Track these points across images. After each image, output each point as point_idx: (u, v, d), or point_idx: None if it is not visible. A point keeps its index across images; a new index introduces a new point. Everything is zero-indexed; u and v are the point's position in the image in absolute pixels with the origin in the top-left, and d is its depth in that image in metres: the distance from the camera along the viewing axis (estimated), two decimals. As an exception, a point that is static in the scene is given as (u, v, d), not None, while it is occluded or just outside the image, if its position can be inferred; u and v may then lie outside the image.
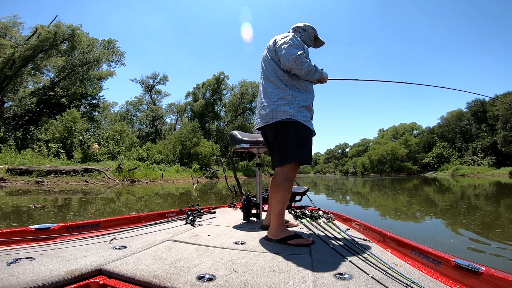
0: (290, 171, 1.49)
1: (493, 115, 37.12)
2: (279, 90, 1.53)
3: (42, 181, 11.39)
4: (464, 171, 36.50)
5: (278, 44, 1.56)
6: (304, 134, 1.50)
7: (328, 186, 16.16)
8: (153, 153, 22.79)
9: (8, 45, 17.73)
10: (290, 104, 1.49)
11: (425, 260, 1.12)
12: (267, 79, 1.60)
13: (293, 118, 1.47)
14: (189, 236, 1.55)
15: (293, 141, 1.48)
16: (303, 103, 1.52)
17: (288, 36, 1.56)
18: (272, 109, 1.51)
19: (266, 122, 1.55)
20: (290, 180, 1.50)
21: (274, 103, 1.51)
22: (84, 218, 4.42)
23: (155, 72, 37.13)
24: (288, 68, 1.51)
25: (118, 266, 1.01)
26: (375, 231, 1.60)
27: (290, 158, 1.47)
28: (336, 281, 0.95)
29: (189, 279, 0.92)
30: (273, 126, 1.53)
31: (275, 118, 1.50)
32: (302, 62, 1.47)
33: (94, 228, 1.62)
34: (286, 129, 1.49)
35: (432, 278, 0.99)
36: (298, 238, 1.44)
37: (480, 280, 0.89)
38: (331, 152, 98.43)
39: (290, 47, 1.50)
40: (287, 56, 1.47)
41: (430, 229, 3.83)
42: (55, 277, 0.87)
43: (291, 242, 1.40)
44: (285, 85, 1.53)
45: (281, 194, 1.47)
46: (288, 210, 2.53)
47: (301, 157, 1.48)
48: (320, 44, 1.86)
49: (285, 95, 1.51)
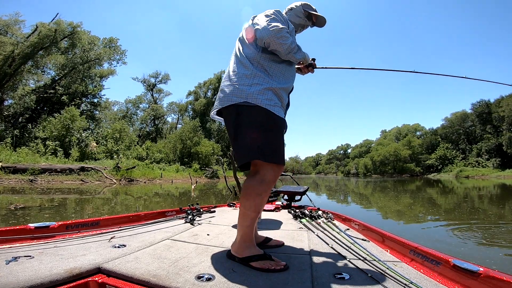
0: (269, 169, 1.16)
1: (499, 116, 36.80)
2: (241, 68, 1.25)
3: (36, 180, 11.29)
4: (468, 173, 36.13)
5: (256, 18, 1.31)
6: (268, 122, 1.18)
7: (330, 187, 16.11)
8: (152, 152, 22.80)
9: (8, 43, 17.72)
10: (250, 84, 1.20)
11: (424, 261, 1.12)
12: (234, 58, 1.33)
13: (251, 101, 1.16)
14: (188, 235, 1.55)
15: (254, 131, 1.17)
16: (267, 85, 1.21)
17: (270, 11, 1.32)
18: (230, 90, 1.22)
19: (221, 105, 1.25)
20: (267, 183, 1.15)
21: (233, 83, 1.23)
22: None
23: (157, 71, 37.31)
24: (266, 42, 1.22)
25: (117, 264, 1.01)
26: (374, 231, 1.60)
27: (255, 153, 1.16)
28: (335, 281, 0.95)
29: (188, 278, 0.92)
30: (229, 111, 1.24)
31: (230, 100, 1.20)
32: (283, 37, 1.22)
33: (94, 227, 1.62)
34: (244, 115, 1.19)
35: (431, 279, 0.99)
36: (266, 260, 1.10)
37: (478, 281, 0.89)
38: (333, 153, 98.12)
39: (272, 20, 1.25)
40: (267, 27, 1.21)
41: (432, 231, 3.81)
42: (54, 275, 0.87)
43: (255, 265, 1.08)
44: (251, 63, 1.24)
45: (252, 200, 1.15)
46: (288, 210, 2.53)
47: (265, 154, 1.15)
48: (320, 21, 1.53)
49: (246, 73, 1.22)
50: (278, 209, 2.67)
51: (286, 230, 1.80)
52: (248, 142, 1.17)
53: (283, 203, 2.86)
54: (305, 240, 1.53)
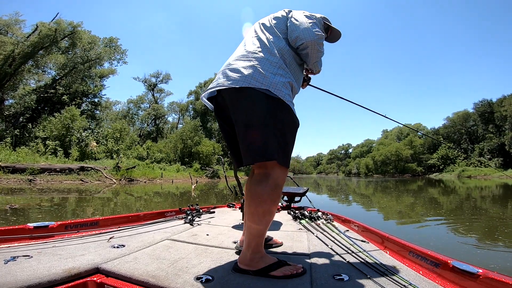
0: (281, 173, 1.03)
1: (501, 116, 36.67)
2: (266, 53, 1.09)
3: (35, 180, 11.26)
4: (470, 173, 35.96)
5: (294, 15, 1.20)
6: (289, 121, 1.06)
7: (331, 187, 16.08)
8: (153, 152, 22.81)
9: (8, 42, 17.74)
10: (275, 73, 1.05)
11: (423, 262, 1.12)
12: (256, 41, 1.16)
13: (274, 92, 1.01)
14: (187, 236, 1.55)
15: (276, 129, 1.02)
16: (290, 80, 1.09)
17: (308, 13, 1.24)
18: (250, 72, 1.03)
19: (235, 85, 1.03)
20: (280, 188, 1.05)
21: (253, 64, 1.05)
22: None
23: (158, 71, 37.50)
24: (305, 43, 1.12)
25: (116, 265, 1.01)
26: (373, 232, 1.59)
27: (272, 153, 1.00)
28: (334, 282, 0.95)
29: (187, 279, 0.92)
30: (242, 95, 1.03)
31: (248, 83, 1.01)
32: (322, 44, 1.18)
33: (93, 227, 1.62)
34: (263, 106, 1.01)
35: (430, 280, 0.99)
36: (285, 267, 1.04)
37: (477, 283, 0.88)
38: (334, 153, 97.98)
39: (315, 24, 1.18)
40: (312, 30, 1.12)
41: (433, 232, 3.79)
42: (52, 275, 0.87)
43: (275, 274, 1.00)
44: (278, 53, 1.11)
45: (267, 207, 1.02)
46: (288, 211, 2.52)
47: (282, 156, 1.02)
48: (334, 36, 1.43)
49: (272, 60, 1.07)
50: (278, 210, 2.67)
51: (286, 231, 1.80)
52: (266, 139, 1.00)
53: (282, 204, 2.86)
54: (304, 241, 1.53)
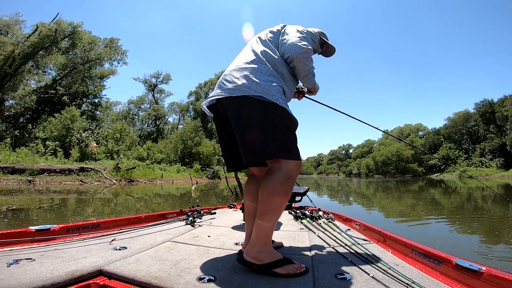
0: (294, 166, 1.08)
1: (502, 116, 36.57)
2: (259, 64, 1.17)
3: (34, 180, 11.24)
4: (471, 173, 35.82)
5: (287, 30, 1.28)
6: (288, 121, 1.12)
7: (331, 187, 16.07)
8: (153, 153, 22.80)
9: (8, 43, 17.76)
10: (266, 80, 1.12)
11: (426, 260, 1.12)
12: (251, 52, 1.23)
13: (267, 97, 1.08)
14: (189, 237, 1.55)
15: (272, 129, 1.10)
16: (281, 85, 1.16)
17: (301, 28, 1.31)
18: (243, 82, 1.11)
19: (230, 94, 1.12)
20: (293, 181, 1.09)
21: (246, 74, 1.14)
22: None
23: (158, 71, 37.52)
24: (290, 57, 1.20)
25: (118, 267, 1.02)
26: (375, 231, 1.59)
27: (273, 152, 1.07)
28: (336, 282, 0.95)
29: (189, 280, 0.93)
30: (238, 102, 1.11)
31: (242, 91, 1.10)
32: (310, 58, 1.23)
33: (94, 229, 1.62)
34: (259, 110, 1.09)
35: (433, 278, 0.99)
36: (289, 265, 1.05)
37: (481, 280, 0.88)
38: (335, 153, 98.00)
39: (304, 38, 1.24)
40: (297, 44, 1.19)
41: (434, 231, 3.79)
42: (55, 278, 0.88)
43: (279, 271, 1.01)
44: (269, 64, 1.18)
45: (279, 198, 1.05)
46: (288, 211, 2.53)
47: (289, 152, 1.08)
48: (329, 51, 1.54)
49: (263, 69, 1.15)
50: None
51: (287, 231, 1.80)
52: (266, 140, 1.07)
53: None
54: (306, 240, 1.53)
